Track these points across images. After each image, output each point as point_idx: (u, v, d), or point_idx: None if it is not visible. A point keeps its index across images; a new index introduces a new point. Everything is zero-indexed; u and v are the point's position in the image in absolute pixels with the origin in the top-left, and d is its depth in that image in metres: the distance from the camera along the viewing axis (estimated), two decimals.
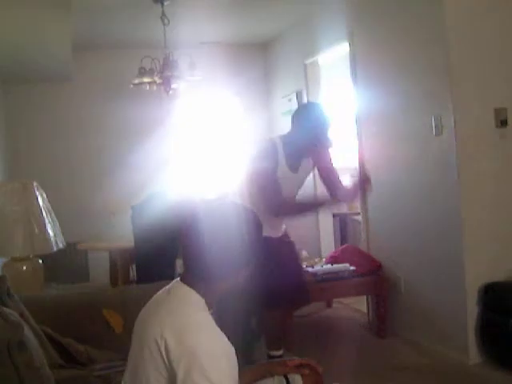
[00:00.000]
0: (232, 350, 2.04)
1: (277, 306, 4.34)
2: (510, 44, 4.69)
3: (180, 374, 1.92)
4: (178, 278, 2.20)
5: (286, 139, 4.29)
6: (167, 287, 2.24)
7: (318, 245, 7.21)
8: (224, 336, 2.04)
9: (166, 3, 6.05)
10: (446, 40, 4.60)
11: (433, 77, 4.83)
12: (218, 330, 2.06)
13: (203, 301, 2.11)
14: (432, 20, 4.76)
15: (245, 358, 4.74)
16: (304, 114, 4.37)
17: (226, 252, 2.10)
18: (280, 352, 4.35)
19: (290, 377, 2.48)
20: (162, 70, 6.32)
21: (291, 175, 4.34)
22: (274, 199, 4.19)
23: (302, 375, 2.49)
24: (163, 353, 1.96)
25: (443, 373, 4.55)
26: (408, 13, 5.08)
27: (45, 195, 4.89)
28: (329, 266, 5.68)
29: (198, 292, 2.11)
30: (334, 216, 7.60)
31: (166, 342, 1.96)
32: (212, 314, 2.13)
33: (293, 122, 4.32)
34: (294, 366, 2.51)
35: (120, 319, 3.60)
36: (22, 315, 2.72)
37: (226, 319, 2.49)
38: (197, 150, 8.43)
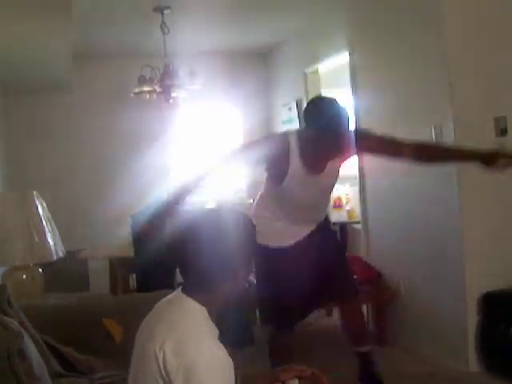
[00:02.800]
0: (230, 363, 2.04)
1: (273, 323, 4.20)
2: (510, 52, 4.70)
3: None
4: (180, 289, 2.21)
5: (303, 135, 3.82)
6: (169, 297, 2.25)
7: None
8: (223, 349, 2.04)
9: (165, 12, 6.06)
10: (446, 49, 4.61)
11: (432, 86, 4.83)
12: (218, 342, 2.06)
13: (205, 310, 2.12)
14: (431, 29, 4.77)
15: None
16: (317, 110, 3.77)
17: (223, 257, 2.11)
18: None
19: (288, 382, 2.47)
20: (162, 78, 6.33)
21: (308, 178, 3.82)
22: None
23: (300, 378, 2.48)
24: (161, 364, 1.97)
25: (443, 381, 4.55)
26: (408, 22, 5.09)
27: (45, 204, 4.89)
28: None
29: (200, 301, 2.12)
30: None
31: (164, 353, 1.96)
32: (214, 322, 2.14)
33: (307, 119, 3.79)
34: (297, 370, 2.51)
35: (120, 328, 3.60)
36: (21, 324, 2.72)
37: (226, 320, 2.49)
38: (197, 158, 8.43)
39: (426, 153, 3.90)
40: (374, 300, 5.61)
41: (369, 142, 3.90)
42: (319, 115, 3.69)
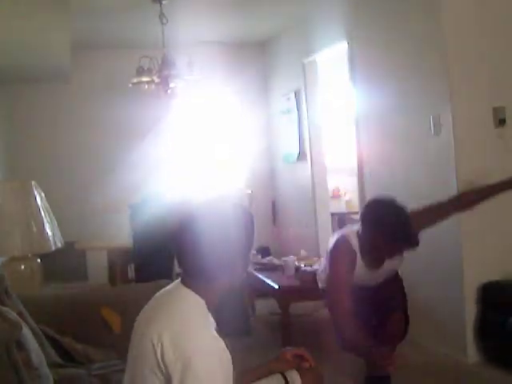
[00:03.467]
0: (228, 356, 2.05)
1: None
2: (508, 43, 4.70)
3: (175, 380, 1.94)
4: (179, 280, 2.20)
5: (363, 240, 3.88)
6: (167, 288, 2.24)
7: (316, 244, 7.22)
8: (222, 341, 2.05)
9: (164, 2, 6.04)
10: (445, 39, 4.60)
11: (431, 76, 4.83)
12: (216, 334, 2.07)
13: (203, 302, 2.11)
14: (430, 19, 4.76)
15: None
16: (378, 214, 3.81)
17: (223, 250, 2.11)
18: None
19: (289, 376, 2.48)
20: (161, 69, 6.31)
21: (368, 273, 3.95)
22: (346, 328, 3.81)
23: (300, 373, 2.49)
24: (159, 356, 1.97)
25: (442, 371, 4.56)
26: (406, 12, 5.08)
27: (43, 194, 4.89)
28: None
29: (198, 293, 2.11)
30: (332, 215, 7.60)
31: (162, 345, 1.97)
32: (212, 313, 2.14)
33: (366, 223, 3.87)
34: (293, 359, 2.52)
35: (118, 318, 3.60)
36: (20, 314, 2.72)
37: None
38: (195, 149, 8.43)
39: (470, 202, 4.03)
40: None
41: (420, 224, 3.91)
42: (381, 222, 3.71)
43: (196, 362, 1.93)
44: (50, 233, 4.78)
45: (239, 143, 8.64)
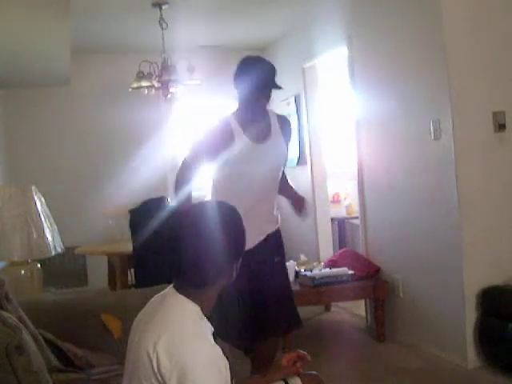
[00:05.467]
0: (226, 363, 2.03)
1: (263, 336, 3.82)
2: (508, 47, 4.70)
3: None
4: (172, 286, 2.18)
5: (237, 111, 3.95)
6: (161, 294, 2.22)
7: (316, 249, 7.21)
8: (219, 348, 2.03)
9: (164, 7, 6.05)
10: (444, 44, 4.60)
11: (431, 81, 4.83)
12: (213, 342, 2.05)
13: (199, 309, 2.10)
14: (430, 24, 4.76)
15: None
16: (243, 74, 3.90)
17: (224, 253, 2.10)
18: None
19: (290, 381, 2.47)
20: (161, 74, 6.33)
21: (257, 147, 3.82)
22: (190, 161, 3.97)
23: (301, 378, 2.48)
24: (154, 365, 1.96)
25: (442, 377, 4.55)
26: (406, 17, 5.08)
27: (43, 199, 4.89)
28: (327, 269, 5.69)
29: (193, 300, 2.10)
30: (332, 220, 7.60)
31: (157, 355, 1.95)
32: (208, 319, 2.13)
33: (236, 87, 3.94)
34: (290, 364, 2.50)
35: (118, 323, 3.59)
36: (20, 319, 2.71)
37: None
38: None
39: None
40: (372, 295, 5.62)
41: None
42: (246, 73, 3.85)
43: (193, 371, 1.91)
44: (49, 238, 4.79)
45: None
